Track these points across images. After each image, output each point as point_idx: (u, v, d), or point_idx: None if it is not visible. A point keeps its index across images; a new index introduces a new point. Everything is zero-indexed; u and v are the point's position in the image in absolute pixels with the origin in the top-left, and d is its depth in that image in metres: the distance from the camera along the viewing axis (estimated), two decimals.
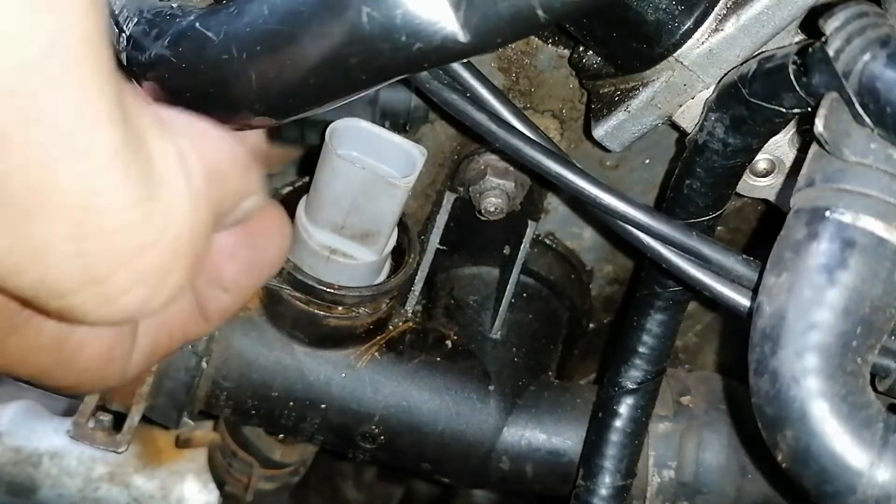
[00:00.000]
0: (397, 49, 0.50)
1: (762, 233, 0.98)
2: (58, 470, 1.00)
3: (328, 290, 0.79)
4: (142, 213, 0.40)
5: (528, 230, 0.87)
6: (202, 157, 0.44)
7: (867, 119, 0.52)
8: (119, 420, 0.87)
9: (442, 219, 0.88)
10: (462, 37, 0.50)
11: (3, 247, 0.38)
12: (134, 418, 0.85)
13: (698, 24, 0.66)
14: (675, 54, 0.67)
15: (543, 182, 0.88)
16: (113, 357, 0.53)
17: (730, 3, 0.65)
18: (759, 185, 0.74)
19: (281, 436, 0.98)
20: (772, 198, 0.75)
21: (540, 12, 0.50)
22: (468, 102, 0.60)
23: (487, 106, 0.63)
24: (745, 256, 0.61)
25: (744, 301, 0.61)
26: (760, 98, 0.60)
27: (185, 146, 0.43)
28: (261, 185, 0.51)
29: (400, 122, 0.81)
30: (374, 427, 0.86)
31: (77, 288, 0.40)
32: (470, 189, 0.87)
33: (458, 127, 0.87)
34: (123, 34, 0.56)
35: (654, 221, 0.61)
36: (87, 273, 0.40)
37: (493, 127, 0.61)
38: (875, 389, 0.55)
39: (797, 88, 0.56)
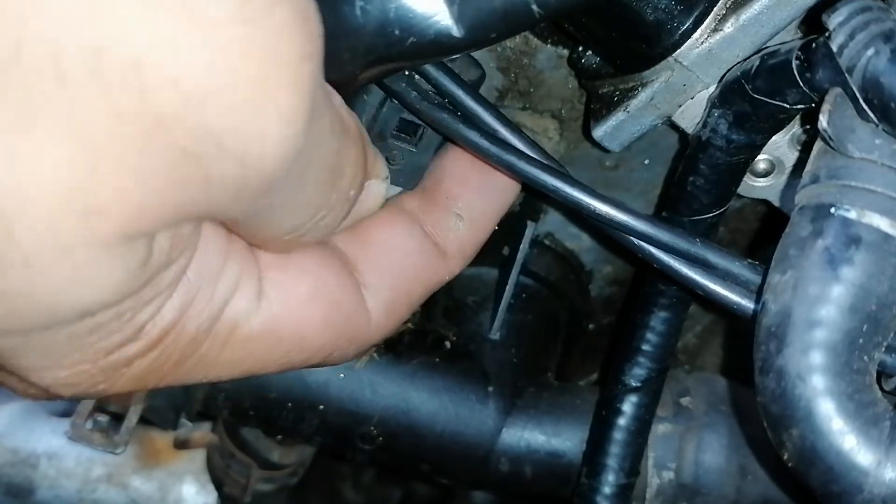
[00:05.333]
0: (391, 43, 0.50)
1: (762, 234, 0.97)
2: (55, 471, 1.00)
3: None
4: None
5: (527, 231, 0.86)
6: None
7: (871, 115, 0.51)
8: (117, 421, 0.87)
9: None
10: (456, 31, 0.50)
11: None
12: (132, 419, 0.85)
13: (697, 24, 0.66)
14: (674, 54, 0.67)
15: (541, 196, 0.89)
16: (344, 319, 0.52)
17: (729, 3, 0.65)
18: (758, 185, 0.74)
19: (279, 437, 0.98)
20: (771, 198, 0.75)
21: (534, 7, 0.50)
22: (459, 121, 0.60)
23: (478, 121, 0.62)
24: (749, 261, 0.61)
25: (749, 304, 0.61)
26: (764, 94, 0.60)
27: None
28: None
29: None
30: (372, 428, 0.86)
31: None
32: None
33: None
34: None
35: (655, 230, 0.60)
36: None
37: (486, 144, 0.60)
38: (881, 388, 0.54)
39: (801, 84, 0.56)
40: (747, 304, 0.61)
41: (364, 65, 0.51)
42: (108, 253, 0.38)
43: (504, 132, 0.62)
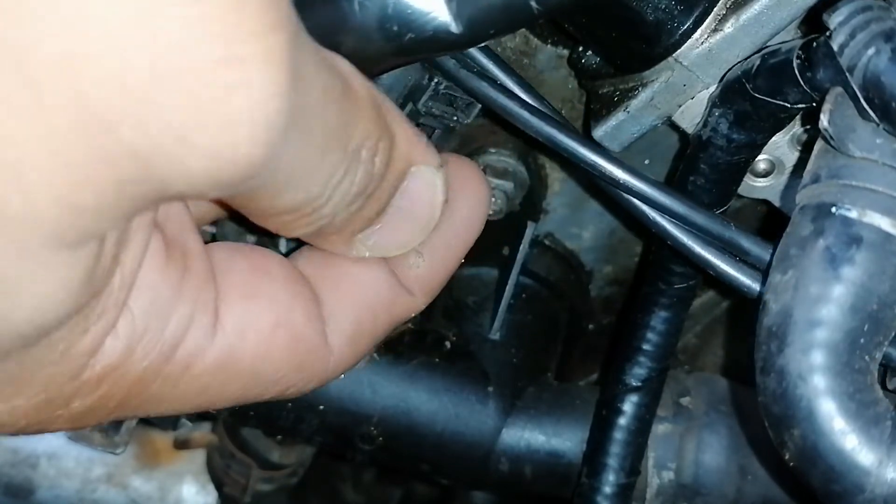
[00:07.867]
0: (388, 39, 0.50)
1: (762, 234, 0.97)
2: (55, 471, 1.00)
3: None
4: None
5: (527, 231, 0.86)
6: None
7: (872, 114, 0.51)
8: (117, 421, 0.87)
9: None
10: (454, 28, 0.50)
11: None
12: (132, 419, 0.84)
13: (697, 24, 0.66)
14: (674, 54, 0.67)
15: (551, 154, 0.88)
16: (305, 353, 0.49)
17: (729, 3, 0.65)
18: (758, 185, 0.74)
19: (279, 437, 0.98)
20: (772, 198, 0.75)
21: (534, 4, 0.50)
22: (497, 89, 0.60)
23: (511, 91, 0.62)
24: (759, 237, 0.61)
25: (754, 285, 0.61)
26: (764, 93, 0.60)
27: None
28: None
29: None
30: (372, 428, 0.86)
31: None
32: None
33: None
34: None
35: (669, 199, 0.61)
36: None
37: (526, 114, 0.60)
38: (884, 387, 0.54)
39: (801, 83, 0.56)
40: (753, 284, 0.61)
41: (363, 60, 0.51)
42: (41, 264, 0.35)
43: (535, 103, 0.62)
